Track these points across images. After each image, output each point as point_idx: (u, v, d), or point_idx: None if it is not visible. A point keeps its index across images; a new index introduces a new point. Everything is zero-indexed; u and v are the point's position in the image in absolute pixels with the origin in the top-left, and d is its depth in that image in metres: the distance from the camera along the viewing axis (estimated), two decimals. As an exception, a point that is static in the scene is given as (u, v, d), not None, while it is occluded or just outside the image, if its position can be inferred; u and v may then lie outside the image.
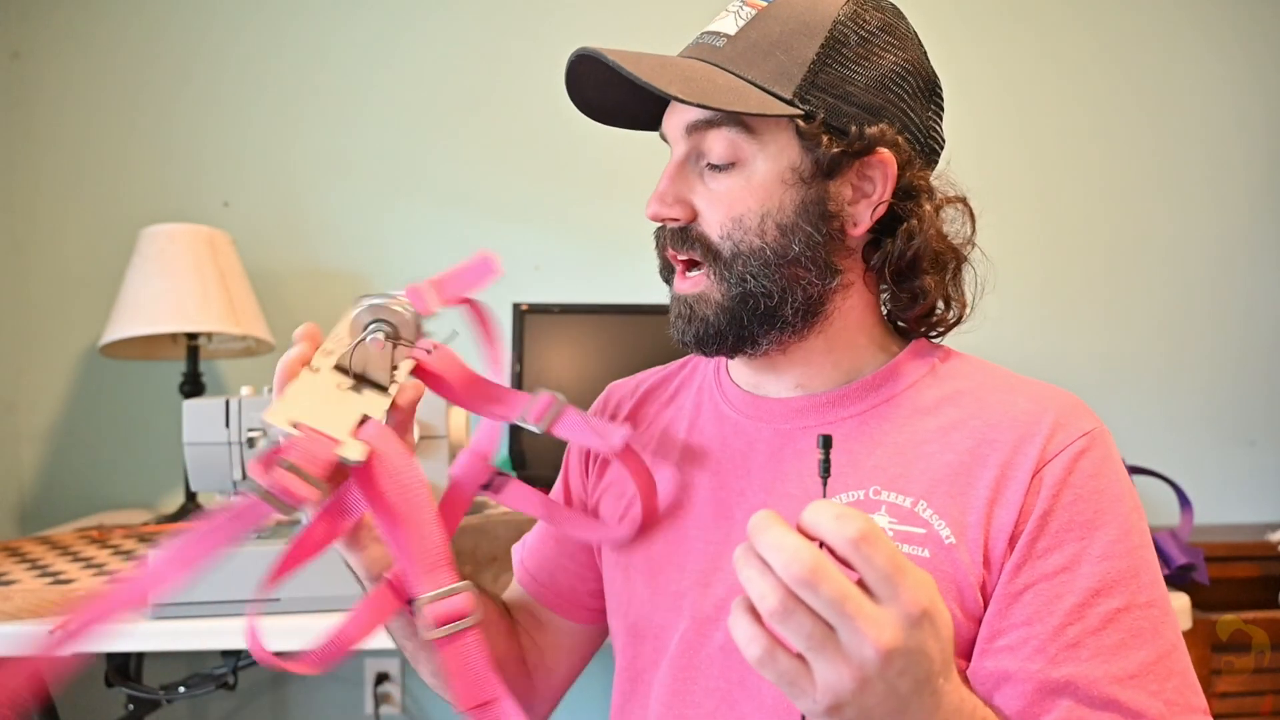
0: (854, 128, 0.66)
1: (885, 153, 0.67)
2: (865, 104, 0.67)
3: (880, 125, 0.67)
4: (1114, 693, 0.58)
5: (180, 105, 1.79)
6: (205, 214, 1.73)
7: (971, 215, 0.74)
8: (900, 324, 0.75)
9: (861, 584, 0.44)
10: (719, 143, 0.66)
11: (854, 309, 0.71)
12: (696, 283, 0.69)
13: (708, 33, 0.69)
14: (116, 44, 1.78)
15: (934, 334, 0.75)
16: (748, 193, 0.67)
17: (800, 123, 0.65)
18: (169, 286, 1.49)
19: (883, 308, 0.74)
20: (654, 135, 0.74)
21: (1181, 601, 1.19)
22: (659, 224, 0.71)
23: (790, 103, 0.64)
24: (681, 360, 0.87)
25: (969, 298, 0.75)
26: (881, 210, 0.69)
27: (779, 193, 0.66)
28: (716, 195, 0.68)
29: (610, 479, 0.80)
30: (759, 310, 0.67)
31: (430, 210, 1.81)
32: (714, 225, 0.67)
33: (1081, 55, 1.88)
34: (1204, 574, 1.26)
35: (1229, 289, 1.88)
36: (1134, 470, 1.35)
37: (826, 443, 0.50)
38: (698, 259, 0.68)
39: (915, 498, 0.65)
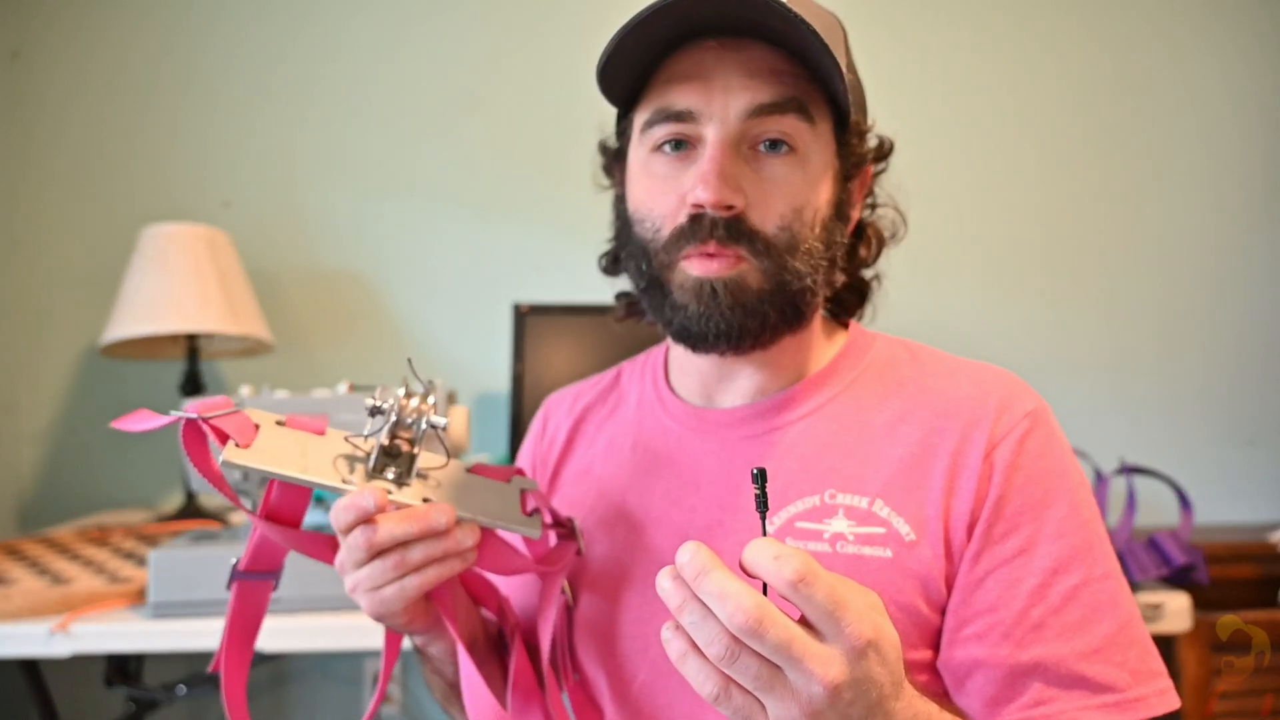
0: (872, 134, 0.69)
1: None
2: (864, 111, 0.70)
3: (883, 135, 0.72)
4: (1081, 669, 0.59)
5: (181, 104, 1.79)
6: (205, 214, 1.72)
7: (901, 214, 0.78)
8: (835, 311, 0.78)
9: (804, 620, 0.45)
10: (781, 129, 0.63)
11: (820, 307, 0.72)
12: (730, 264, 0.63)
13: None
14: (117, 43, 1.78)
15: (858, 316, 0.78)
16: (805, 184, 0.64)
17: (855, 120, 0.66)
18: (169, 286, 1.49)
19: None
20: None
21: (1181, 601, 1.19)
22: (697, 211, 0.63)
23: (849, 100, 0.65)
24: (614, 371, 0.85)
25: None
26: (859, 213, 0.72)
27: (825, 188, 0.66)
28: (774, 185, 0.63)
29: (562, 492, 0.79)
30: (797, 306, 0.66)
31: (431, 210, 1.81)
32: (771, 215, 0.63)
33: (1076, 54, 1.88)
34: (1204, 574, 1.26)
35: (1229, 288, 1.88)
36: (1134, 470, 1.35)
37: (761, 477, 0.48)
38: (745, 253, 0.63)
39: (871, 497, 0.64)
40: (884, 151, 0.73)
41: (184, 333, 1.54)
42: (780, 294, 0.64)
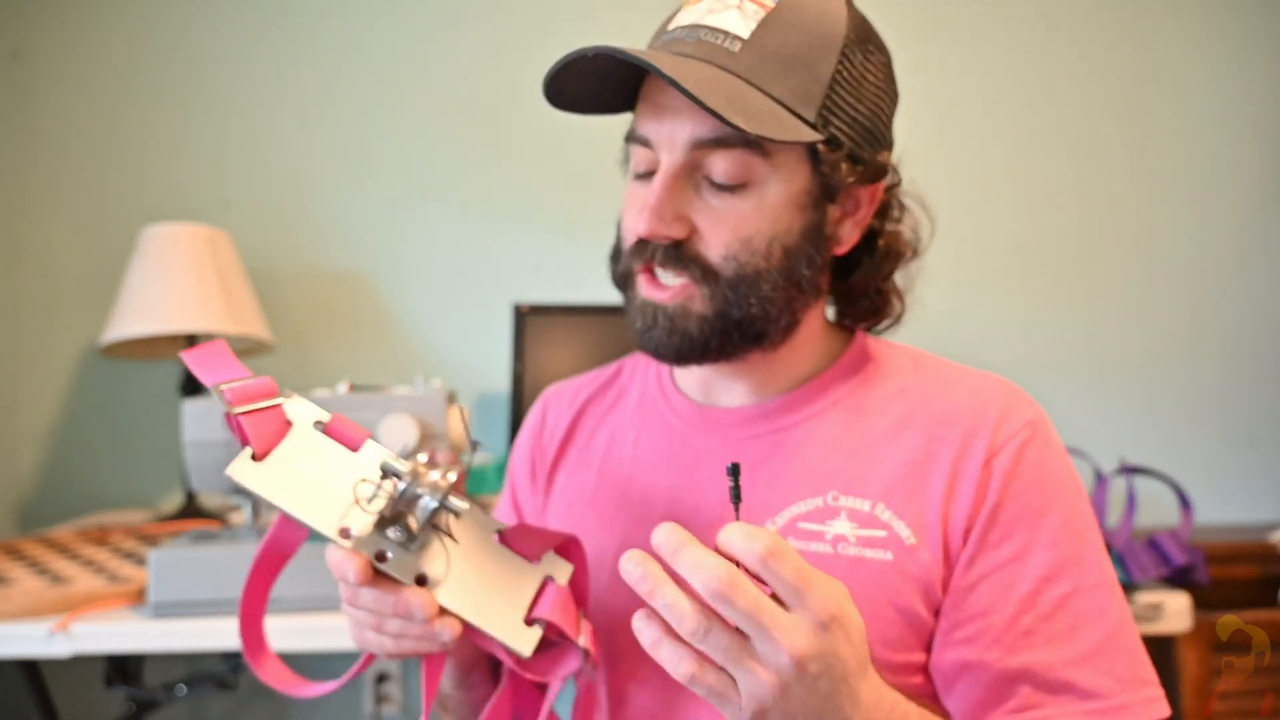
0: (866, 154, 0.66)
1: None
2: (867, 127, 0.66)
3: (884, 151, 0.69)
4: (1068, 676, 0.60)
5: (181, 105, 1.79)
6: (205, 214, 1.72)
7: (930, 221, 0.76)
8: (844, 320, 0.77)
9: (775, 599, 0.47)
10: (728, 162, 0.62)
11: (815, 318, 0.72)
12: (676, 293, 0.65)
13: (710, 29, 0.63)
14: (117, 43, 1.78)
15: (881, 328, 0.77)
16: (758, 215, 0.63)
17: (821, 148, 0.64)
18: (169, 286, 1.49)
19: (828, 310, 0.76)
20: None
21: (1181, 601, 1.19)
22: (641, 240, 0.65)
23: (814, 126, 0.63)
24: (616, 364, 0.85)
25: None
26: (863, 229, 0.70)
27: (788, 216, 0.64)
28: (722, 215, 0.63)
29: (561, 485, 0.79)
30: (750, 330, 0.66)
31: (430, 210, 1.81)
32: (716, 245, 0.63)
33: (1091, 50, 1.88)
34: (1204, 574, 1.26)
35: (1230, 288, 1.88)
36: (1134, 470, 1.35)
37: (735, 471, 0.51)
38: (688, 279, 0.64)
39: (873, 500, 0.65)
40: (876, 174, 0.68)
41: (184, 333, 1.54)
42: (722, 321, 0.65)
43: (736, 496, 0.51)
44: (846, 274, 0.74)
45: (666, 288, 0.65)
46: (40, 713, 1.23)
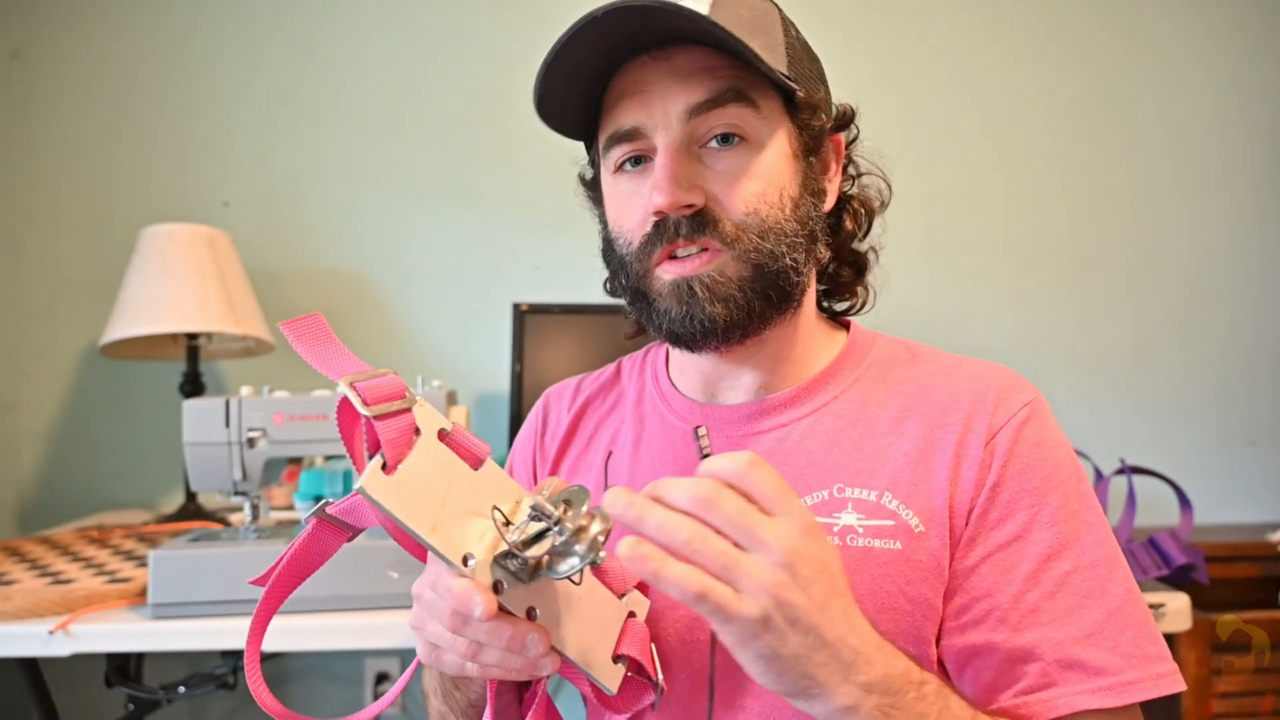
0: (829, 104, 0.71)
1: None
2: (820, 83, 0.72)
3: (842, 104, 0.74)
4: (1076, 653, 0.60)
5: (180, 105, 1.79)
6: (205, 214, 1.73)
7: (888, 185, 0.79)
8: (828, 307, 0.79)
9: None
10: (725, 119, 0.64)
11: (811, 294, 0.73)
12: (703, 261, 0.65)
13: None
14: (116, 43, 1.78)
15: (859, 310, 0.79)
16: (762, 167, 0.65)
17: (800, 96, 0.67)
18: (169, 286, 1.49)
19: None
20: None
21: (1181, 601, 1.19)
22: (659, 217, 0.65)
23: (790, 79, 0.66)
24: (615, 365, 0.85)
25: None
26: (838, 188, 0.74)
27: (786, 167, 0.67)
28: (731, 175, 0.65)
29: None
30: (782, 286, 0.67)
31: (430, 210, 1.81)
32: (735, 203, 0.65)
33: (1094, 52, 1.88)
34: (1204, 574, 1.26)
35: (1230, 288, 1.88)
36: (1134, 470, 1.35)
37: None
38: (715, 245, 0.65)
39: (880, 490, 0.66)
40: (845, 120, 0.74)
41: (184, 333, 1.54)
42: (759, 278, 0.65)
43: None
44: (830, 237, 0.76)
45: (689, 259, 0.65)
46: (40, 713, 1.23)
